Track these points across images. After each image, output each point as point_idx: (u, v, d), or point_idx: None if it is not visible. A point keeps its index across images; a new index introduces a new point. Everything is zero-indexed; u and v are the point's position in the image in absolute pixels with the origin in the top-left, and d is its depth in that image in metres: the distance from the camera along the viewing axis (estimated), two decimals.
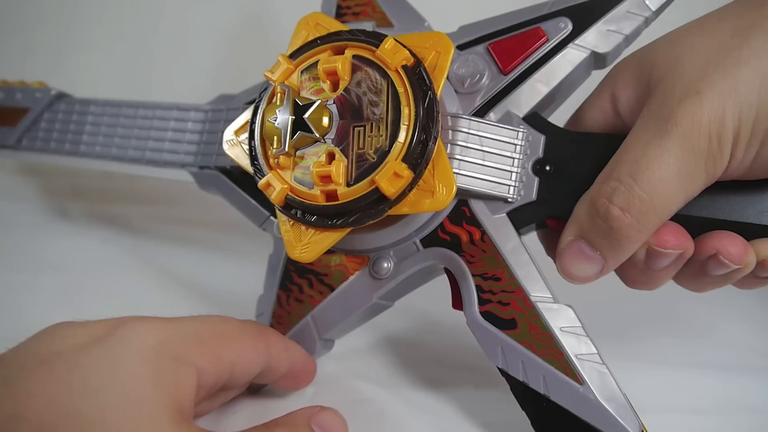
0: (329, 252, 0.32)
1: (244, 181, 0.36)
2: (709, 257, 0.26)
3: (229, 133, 0.31)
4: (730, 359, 0.36)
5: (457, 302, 0.31)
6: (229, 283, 0.43)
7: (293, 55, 0.30)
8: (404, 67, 0.27)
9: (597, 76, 0.32)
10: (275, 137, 0.28)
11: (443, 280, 0.31)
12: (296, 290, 0.33)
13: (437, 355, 0.37)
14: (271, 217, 0.35)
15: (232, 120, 0.35)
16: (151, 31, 0.62)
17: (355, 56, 0.28)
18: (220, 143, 0.36)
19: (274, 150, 0.28)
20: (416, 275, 0.31)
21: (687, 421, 0.30)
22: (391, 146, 0.27)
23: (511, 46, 0.31)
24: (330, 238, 0.28)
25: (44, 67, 0.59)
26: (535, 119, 0.30)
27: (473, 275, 0.29)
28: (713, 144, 0.24)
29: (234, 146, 0.31)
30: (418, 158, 0.27)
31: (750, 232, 0.27)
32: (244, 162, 0.31)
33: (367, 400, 0.32)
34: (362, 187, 0.27)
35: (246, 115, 0.31)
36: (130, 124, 0.39)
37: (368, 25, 0.34)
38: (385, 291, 0.31)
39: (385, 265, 0.31)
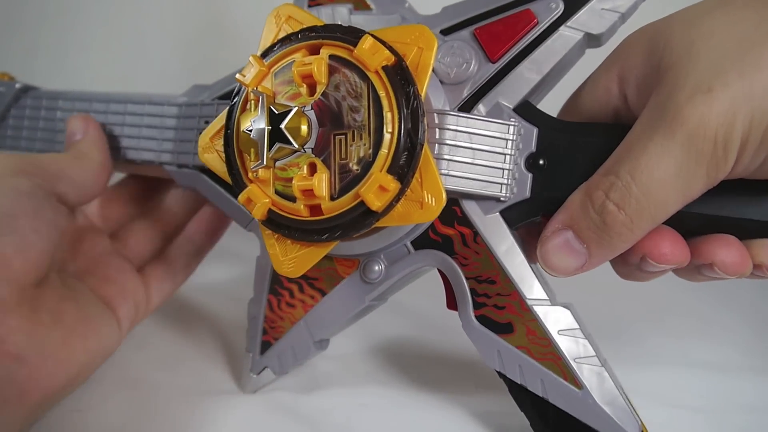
0: None
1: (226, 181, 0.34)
2: (705, 264, 0.26)
3: (203, 140, 0.29)
4: (729, 358, 0.36)
5: (451, 302, 0.30)
6: (229, 283, 0.42)
7: (265, 55, 0.28)
8: (385, 67, 0.26)
9: (590, 55, 0.30)
10: (252, 150, 0.27)
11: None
12: (287, 295, 0.32)
13: (437, 355, 0.37)
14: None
15: (207, 116, 0.34)
16: (151, 31, 0.60)
17: (331, 56, 0.26)
18: (196, 142, 0.34)
19: (251, 165, 0.27)
20: (408, 277, 0.30)
21: (686, 419, 0.30)
22: (375, 156, 0.25)
23: (498, 31, 0.29)
24: (317, 252, 0.27)
25: (44, 67, 0.57)
26: (526, 109, 0.29)
27: (467, 278, 0.29)
28: (718, 149, 0.22)
29: (210, 153, 0.29)
30: (404, 167, 0.25)
31: (753, 229, 0.26)
32: (222, 170, 0.29)
33: (368, 400, 0.32)
34: (347, 201, 0.26)
35: (220, 120, 0.29)
36: (102, 120, 0.37)
37: (345, 9, 0.32)
38: (378, 293, 0.30)
39: (376, 268, 0.30)
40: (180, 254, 0.37)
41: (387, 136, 0.25)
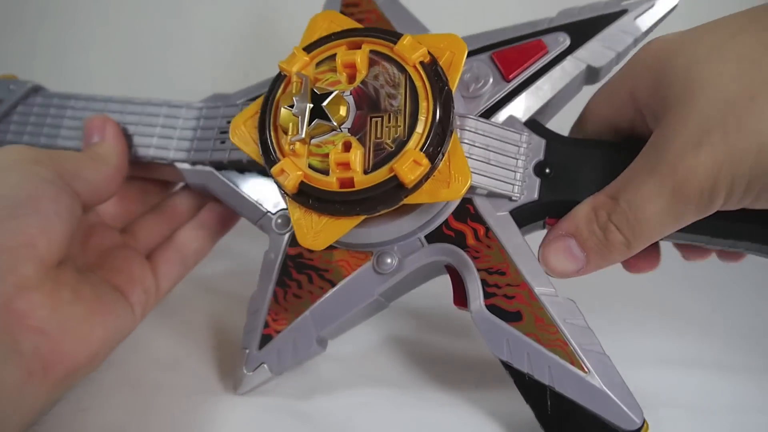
0: (331, 248, 0.32)
1: (238, 178, 0.35)
2: None
3: (236, 123, 0.31)
4: (729, 358, 0.37)
5: (459, 299, 0.31)
6: (232, 283, 0.42)
7: (307, 49, 0.30)
8: (421, 63, 0.28)
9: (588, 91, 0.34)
10: (291, 124, 0.28)
11: (444, 280, 0.32)
12: (295, 286, 0.33)
13: (439, 354, 0.37)
14: (269, 213, 0.34)
15: (230, 116, 0.35)
16: (151, 31, 0.62)
17: (371, 51, 0.29)
18: (216, 139, 0.35)
19: (290, 137, 0.28)
20: (419, 271, 0.31)
21: (685, 418, 0.31)
22: (409, 136, 0.27)
23: (513, 56, 0.32)
24: (343, 226, 0.28)
25: (44, 67, 0.57)
26: (534, 125, 0.32)
27: (478, 270, 0.30)
28: (704, 197, 0.25)
29: (242, 134, 0.31)
30: (435, 149, 0.27)
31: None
32: (251, 149, 0.30)
33: (369, 400, 0.32)
34: (380, 175, 0.27)
35: (254, 107, 0.31)
36: (117, 119, 0.38)
37: None
38: (388, 286, 0.31)
39: (389, 260, 0.31)
40: (190, 238, 0.37)
41: (421, 120, 0.27)
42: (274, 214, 0.34)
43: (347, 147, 0.28)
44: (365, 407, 0.31)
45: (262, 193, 0.35)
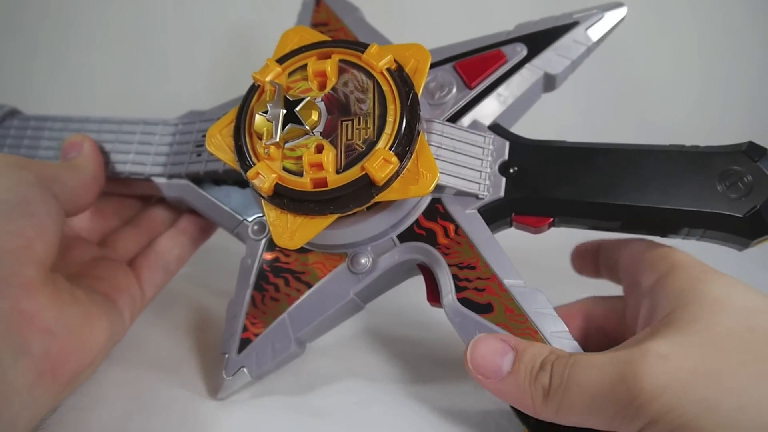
0: (307, 251, 0.33)
1: (214, 189, 0.36)
2: None
3: (212, 132, 0.32)
4: None
5: (432, 296, 0.32)
6: (233, 284, 0.42)
7: (279, 61, 0.32)
8: (388, 69, 0.30)
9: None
10: (266, 129, 0.29)
11: (418, 280, 0.33)
12: (272, 289, 0.33)
13: (438, 354, 0.37)
14: (245, 221, 0.35)
15: (205, 130, 0.37)
16: (151, 32, 0.62)
17: (340, 60, 0.31)
18: (192, 152, 0.37)
19: (265, 141, 0.29)
20: (393, 271, 0.32)
21: None
22: (378, 137, 0.29)
23: (475, 65, 0.34)
24: (317, 225, 0.29)
25: (44, 67, 0.57)
26: (498, 128, 0.34)
27: (449, 265, 0.31)
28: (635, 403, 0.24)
29: (217, 143, 0.32)
30: (404, 148, 0.29)
31: None
32: (228, 157, 0.31)
33: (369, 398, 0.32)
34: (352, 174, 0.28)
35: (229, 117, 0.32)
36: (94, 138, 0.39)
37: None
38: (363, 286, 0.32)
39: (363, 260, 0.32)
40: (171, 245, 0.37)
41: (390, 121, 0.29)
42: (250, 221, 0.35)
43: (320, 149, 0.29)
44: (365, 406, 0.31)
45: (238, 202, 0.36)
